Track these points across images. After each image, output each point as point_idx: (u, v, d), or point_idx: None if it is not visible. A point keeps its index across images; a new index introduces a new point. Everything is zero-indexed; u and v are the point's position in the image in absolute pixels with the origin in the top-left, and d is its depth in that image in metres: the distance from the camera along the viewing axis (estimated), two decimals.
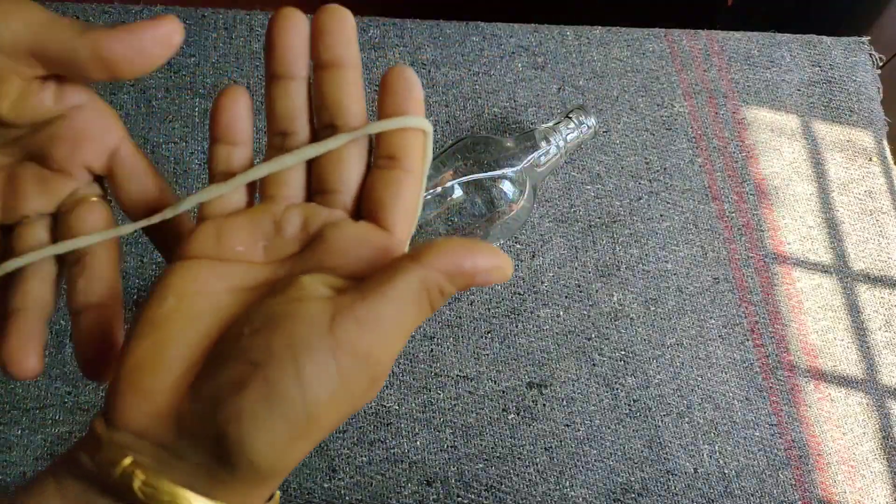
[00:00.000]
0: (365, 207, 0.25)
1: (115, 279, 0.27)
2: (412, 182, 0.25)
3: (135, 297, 0.54)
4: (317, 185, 0.26)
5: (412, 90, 0.25)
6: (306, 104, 0.26)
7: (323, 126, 0.26)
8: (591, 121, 0.57)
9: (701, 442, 0.55)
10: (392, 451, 0.52)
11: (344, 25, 0.25)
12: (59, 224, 0.27)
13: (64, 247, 0.26)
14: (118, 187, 0.28)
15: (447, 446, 0.53)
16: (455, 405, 0.54)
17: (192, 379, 0.21)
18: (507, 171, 0.52)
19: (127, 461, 0.21)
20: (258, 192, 0.27)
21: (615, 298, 0.59)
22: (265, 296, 0.23)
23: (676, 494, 0.53)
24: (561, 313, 0.58)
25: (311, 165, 0.26)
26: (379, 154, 0.25)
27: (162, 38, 0.23)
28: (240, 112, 0.26)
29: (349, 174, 0.25)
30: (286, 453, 0.21)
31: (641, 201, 0.62)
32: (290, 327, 0.20)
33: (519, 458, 0.53)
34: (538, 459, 0.53)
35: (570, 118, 0.56)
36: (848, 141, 0.68)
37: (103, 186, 0.29)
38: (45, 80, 0.24)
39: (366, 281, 0.22)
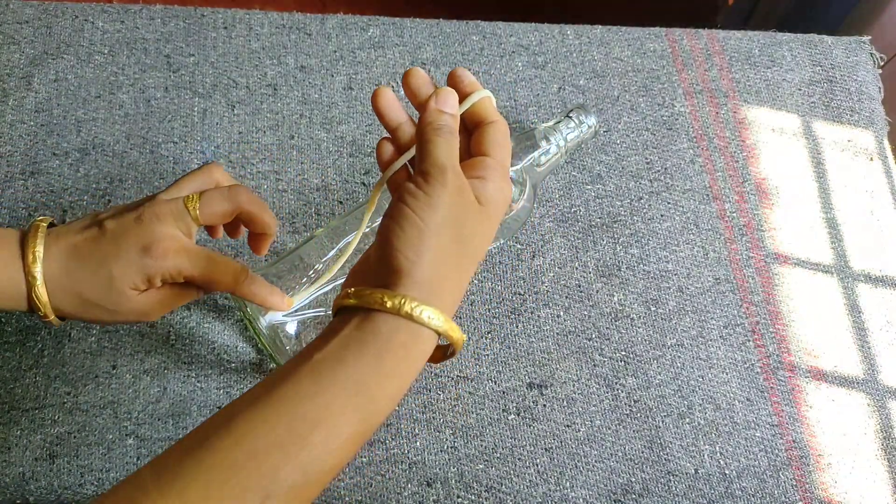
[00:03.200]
0: (477, 149, 0.36)
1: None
2: (498, 125, 0.36)
3: None
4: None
5: (466, 77, 0.37)
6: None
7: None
8: (592, 120, 0.57)
9: (702, 443, 0.55)
10: (392, 451, 0.52)
11: (419, 79, 0.37)
12: None
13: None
14: None
15: (447, 447, 0.52)
16: (455, 406, 0.54)
17: None
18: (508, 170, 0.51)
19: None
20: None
21: (616, 299, 0.58)
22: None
23: (677, 495, 0.53)
24: (561, 314, 0.57)
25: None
26: (468, 117, 0.37)
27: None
28: (392, 100, 0.37)
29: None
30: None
31: (642, 201, 0.62)
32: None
33: (519, 459, 0.53)
34: (538, 460, 0.53)
35: (570, 117, 0.56)
36: (849, 140, 0.68)
37: None
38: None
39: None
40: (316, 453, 0.28)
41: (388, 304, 0.30)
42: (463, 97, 0.36)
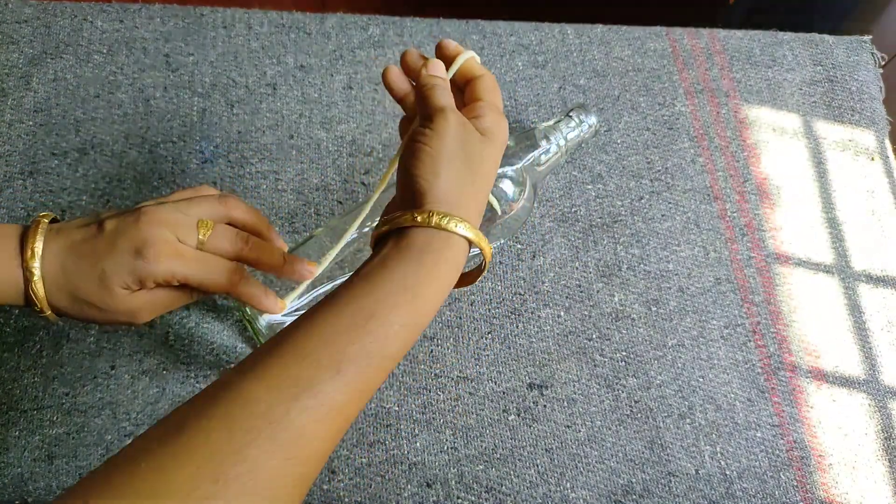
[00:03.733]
0: (470, 97, 0.41)
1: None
2: (485, 77, 0.41)
3: None
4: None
5: (450, 44, 0.42)
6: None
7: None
8: (592, 119, 0.56)
9: (702, 443, 0.54)
10: (392, 452, 0.52)
11: (412, 56, 0.42)
12: None
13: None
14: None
15: (447, 448, 0.52)
16: (455, 406, 0.54)
17: None
18: (508, 170, 0.51)
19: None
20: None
21: (616, 299, 0.58)
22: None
23: (678, 496, 0.53)
24: (562, 314, 0.57)
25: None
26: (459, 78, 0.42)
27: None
28: (398, 74, 0.42)
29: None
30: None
31: (643, 201, 0.62)
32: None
33: (519, 460, 0.52)
34: (539, 461, 0.53)
35: (570, 117, 0.56)
36: (850, 140, 0.67)
37: None
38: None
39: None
40: (373, 338, 0.33)
41: (419, 219, 0.35)
42: (450, 61, 0.42)
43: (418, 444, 0.52)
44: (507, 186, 0.52)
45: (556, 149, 0.55)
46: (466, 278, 0.40)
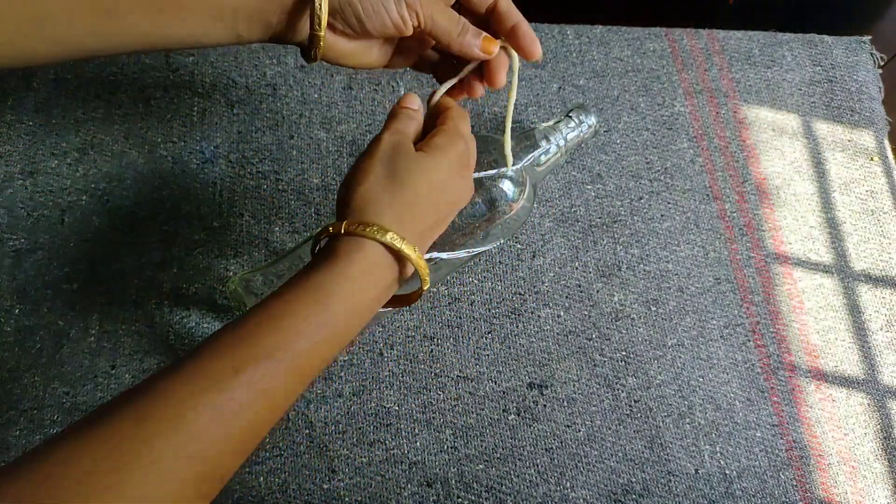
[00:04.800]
0: (439, 122, 0.44)
1: None
2: (455, 108, 0.44)
3: (133, 296, 0.54)
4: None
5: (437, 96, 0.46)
6: None
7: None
8: (592, 119, 0.57)
9: (702, 443, 0.55)
10: (392, 452, 0.52)
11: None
12: None
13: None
14: None
15: (447, 447, 0.52)
16: (455, 406, 0.54)
17: None
18: (507, 170, 0.51)
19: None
20: None
21: (616, 299, 0.58)
22: None
23: (678, 495, 0.53)
24: (561, 313, 0.57)
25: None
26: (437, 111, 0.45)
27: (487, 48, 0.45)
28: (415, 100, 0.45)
29: None
30: None
31: (642, 201, 0.62)
32: None
33: (519, 459, 0.53)
34: (539, 460, 0.53)
35: (570, 117, 0.56)
36: (849, 140, 0.68)
37: None
38: None
39: None
40: (279, 336, 0.34)
41: (331, 229, 0.38)
42: (437, 106, 0.45)
43: (418, 444, 0.52)
44: (507, 187, 0.53)
45: (555, 149, 0.55)
46: (405, 298, 0.41)
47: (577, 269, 0.59)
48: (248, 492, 0.50)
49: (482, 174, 0.50)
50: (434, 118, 0.44)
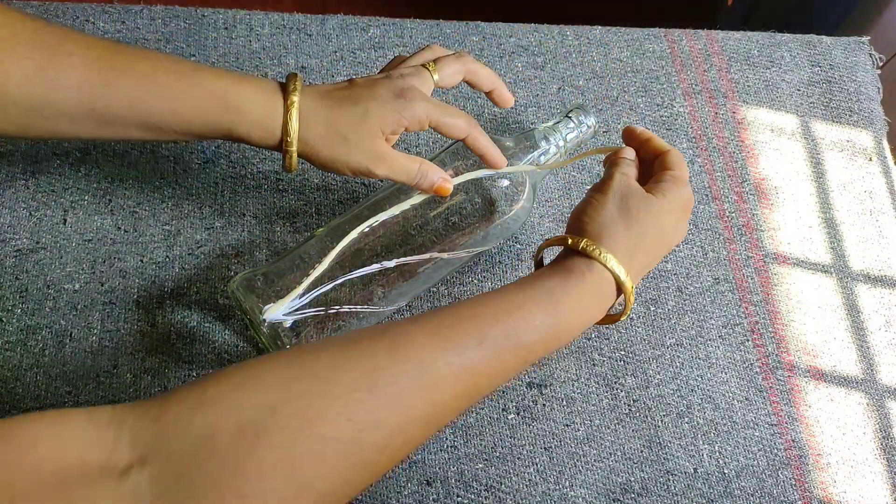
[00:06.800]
0: (660, 167, 0.48)
1: None
2: (672, 152, 0.48)
3: (135, 296, 0.54)
4: None
5: (637, 130, 0.50)
6: None
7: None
8: (591, 120, 0.57)
9: (701, 442, 0.55)
10: None
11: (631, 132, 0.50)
12: None
13: None
14: None
15: (447, 446, 0.53)
16: None
17: None
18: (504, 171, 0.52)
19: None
20: None
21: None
22: None
23: (676, 495, 0.53)
24: None
25: None
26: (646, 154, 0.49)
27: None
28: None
29: None
30: None
31: None
32: None
33: (519, 458, 0.53)
34: (538, 459, 0.53)
35: (569, 118, 0.56)
36: (848, 141, 0.68)
37: None
38: None
39: None
40: (515, 325, 0.39)
41: (570, 242, 0.42)
42: (637, 143, 0.49)
43: None
44: (507, 187, 0.53)
45: (555, 150, 0.55)
46: (609, 318, 0.45)
47: None
48: None
49: (483, 174, 0.50)
50: (646, 160, 0.48)
